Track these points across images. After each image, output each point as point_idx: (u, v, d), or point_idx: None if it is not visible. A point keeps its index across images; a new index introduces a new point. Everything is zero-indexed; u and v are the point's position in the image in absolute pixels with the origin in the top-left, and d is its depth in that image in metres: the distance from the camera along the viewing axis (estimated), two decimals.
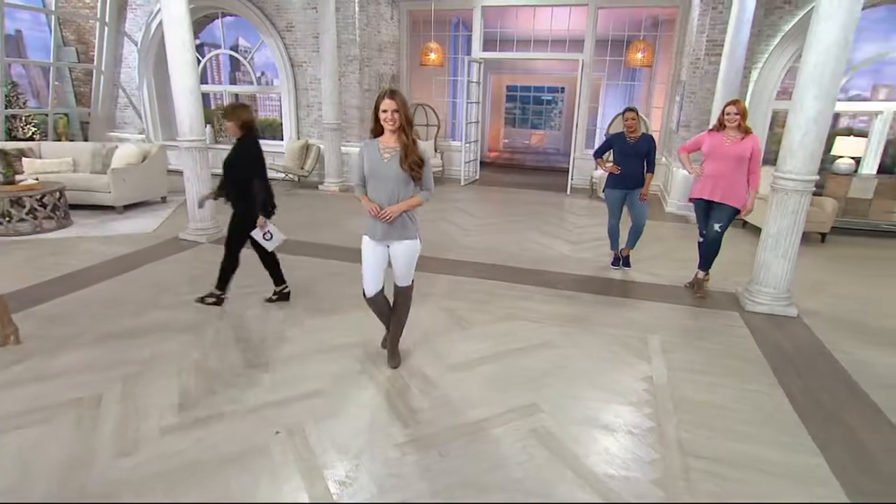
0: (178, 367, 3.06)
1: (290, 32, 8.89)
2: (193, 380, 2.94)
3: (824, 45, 3.45)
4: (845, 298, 4.47)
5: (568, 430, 2.59)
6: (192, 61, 5.25)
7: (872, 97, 8.02)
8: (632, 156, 4.66)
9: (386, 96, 2.69)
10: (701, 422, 2.67)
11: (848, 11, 3.37)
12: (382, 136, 2.79)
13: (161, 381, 2.91)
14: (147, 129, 10.25)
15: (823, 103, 3.57)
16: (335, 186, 8.54)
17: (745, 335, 3.68)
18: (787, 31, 6.93)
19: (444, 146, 10.08)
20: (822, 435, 2.59)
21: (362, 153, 2.84)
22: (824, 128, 3.64)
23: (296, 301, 4.09)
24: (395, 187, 2.78)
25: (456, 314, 3.91)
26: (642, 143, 4.65)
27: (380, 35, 8.88)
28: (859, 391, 3.02)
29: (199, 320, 3.70)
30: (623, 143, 4.69)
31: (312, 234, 5.98)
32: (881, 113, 7.09)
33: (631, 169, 4.69)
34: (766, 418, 2.72)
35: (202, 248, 5.39)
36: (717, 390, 2.98)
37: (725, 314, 4.07)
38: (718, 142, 4.09)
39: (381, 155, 2.77)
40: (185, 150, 5.38)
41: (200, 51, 10.65)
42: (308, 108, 9.17)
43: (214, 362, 3.14)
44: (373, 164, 2.77)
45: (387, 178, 2.77)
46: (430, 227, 6.49)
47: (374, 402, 2.78)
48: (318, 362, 3.18)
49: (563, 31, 9.57)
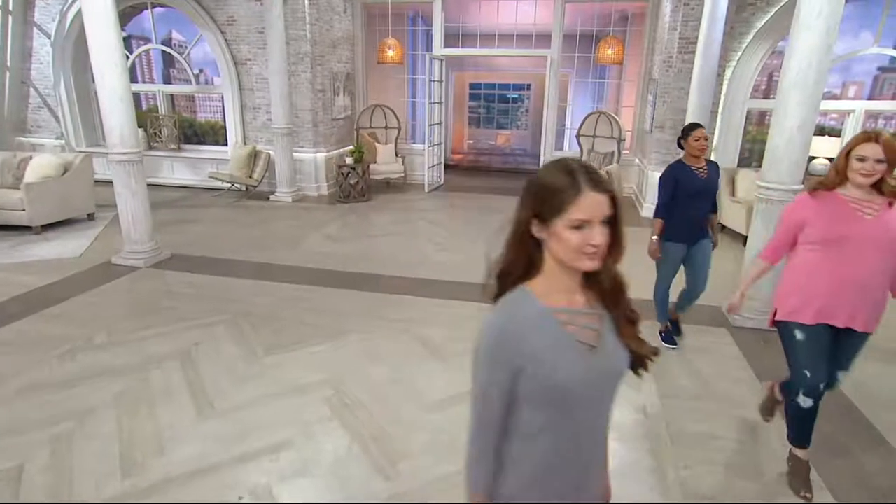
0: (119, 423, 2.87)
1: (232, 27, 8.62)
2: (138, 437, 2.76)
3: (806, 52, 3.59)
4: None
5: None
6: (122, 63, 4.98)
7: (843, 94, 8.48)
8: (701, 195, 3.53)
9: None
10: (700, 457, 2.70)
11: (828, 17, 3.51)
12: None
13: (98, 443, 2.71)
14: (66, 133, 9.71)
15: (807, 110, 3.71)
16: (288, 196, 8.32)
17: (736, 355, 3.77)
18: (760, 27, 7.22)
19: (405, 150, 10.00)
20: (824, 466, 2.66)
21: None
22: (809, 135, 3.79)
23: (252, 334, 3.93)
24: None
25: (432, 343, 3.85)
26: (713, 174, 3.57)
27: (332, 30, 8.73)
28: (855, 411, 3.14)
29: (141, 362, 3.49)
30: (690, 179, 3.49)
31: (266, 254, 5.79)
32: (853, 111, 7.48)
33: (701, 212, 3.58)
34: (765, 449, 2.78)
35: (141, 275, 5.12)
36: (713, 419, 3.03)
37: (713, 331, 4.16)
38: (845, 213, 2.28)
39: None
40: (116, 164, 5.11)
41: (128, 45, 10.21)
42: (255, 111, 8.91)
43: (162, 413, 2.96)
44: None
45: None
46: (398, 242, 6.42)
47: (349, 453, 2.68)
48: (282, 407, 3.05)
49: (528, 26, 9.68)
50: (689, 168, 3.52)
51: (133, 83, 8.92)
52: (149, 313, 4.24)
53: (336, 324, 4.13)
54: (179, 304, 4.43)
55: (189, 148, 9.73)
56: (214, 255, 5.69)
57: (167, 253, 5.59)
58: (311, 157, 8.69)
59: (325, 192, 8.87)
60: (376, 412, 3.03)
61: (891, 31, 7.42)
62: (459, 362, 3.59)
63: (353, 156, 8.30)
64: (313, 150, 8.67)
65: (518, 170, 12.72)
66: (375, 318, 4.28)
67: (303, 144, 8.61)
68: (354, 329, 4.05)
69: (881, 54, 7.27)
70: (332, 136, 9.06)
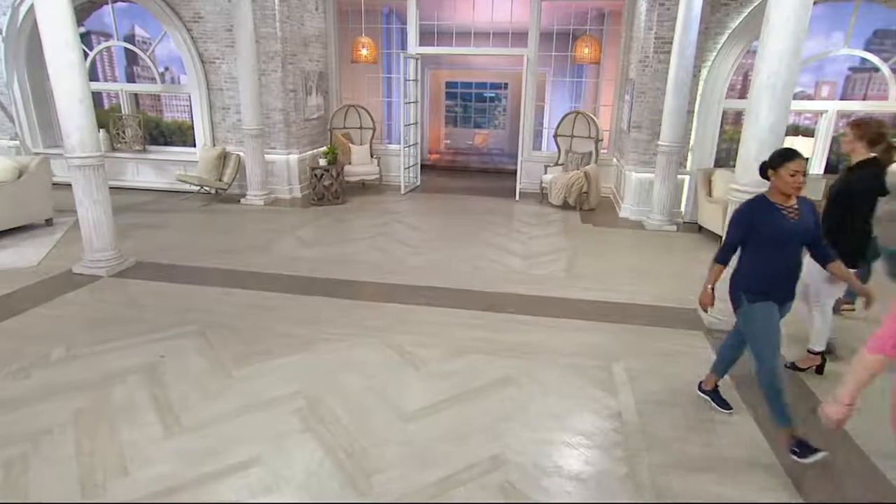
0: (78, 444, 2.81)
1: (199, 24, 8.49)
2: (99, 458, 2.70)
3: (776, 56, 3.70)
4: None
5: (538, 483, 2.60)
6: (79, 62, 4.86)
7: (816, 94, 8.73)
8: (794, 239, 2.83)
9: None
10: (675, 462, 2.76)
11: (798, 21, 3.62)
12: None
13: (55, 467, 2.65)
14: (21, 134, 9.44)
15: (778, 113, 3.82)
16: (260, 200, 8.23)
17: (711, 358, 3.85)
18: (735, 28, 7.38)
19: (380, 150, 9.98)
20: (796, 469, 2.73)
21: None
22: (780, 138, 3.89)
23: (220, 345, 3.88)
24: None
25: (405, 351, 3.85)
26: (806, 213, 2.81)
27: (304, 28, 8.67)
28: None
29: (103, 378, 3.42)
30: (776, 220, 2.78)
31: (236, 260, 5.72)
32: (825, 112, 7.70)
33: (793, 261, 2.87)
34: (739, 454, 2.85)
35: (103, 284, 5.01)
36: (689, 425, 3.09)
37: (689, 334, 4.25)
38: None
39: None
40: (75, 169, 4.99)
41: (87, 41, 9.98)
42: (224, 111, 8.79)
43: (126, 432, 2.91)
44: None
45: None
46: (373, 246, 6.40)
47: (321, 467, 2.67)
48: (252, 421, 3.03)
49: (505, 24, 9.75)
50: (773, 207, 2.81)
51: (93, 81, 8.74)
52: (111, 325, 4.16)
53: (309, 332, 4.11)
54: (144, 315, 4.35)
55: (155, 149, 9.55)
56: (181, 263, 5.60)
57: (131, 261, 5.48)
58: (284, 159, 8.61)
59: (298, 195, 8.80)
60: (350, 424, 3.02)
61: (861, 32, 7.68)
62: (435, 370, 3.60)
63: (327, 157, 8.25)
64: (285, 152, 8.59)
65: (496, 170, 12.77)
66: (349, 325, 4.27)
67: (274, 145, 8.53)
68: (328, 338, 4.03)
69: (852, 55, 7.51)
70: (305, 137, 8.99)
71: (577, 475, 2.67)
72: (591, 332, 4.24)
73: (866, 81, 8.48)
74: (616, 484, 2.60)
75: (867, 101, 7.89)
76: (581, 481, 2.63)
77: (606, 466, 2.73)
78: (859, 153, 3.49)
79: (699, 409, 3.25)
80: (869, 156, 3.45)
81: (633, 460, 2.77)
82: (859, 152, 3.49)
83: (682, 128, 7.10)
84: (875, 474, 2.73)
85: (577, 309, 4.68)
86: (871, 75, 8.03)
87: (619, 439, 2.94)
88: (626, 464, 2.74)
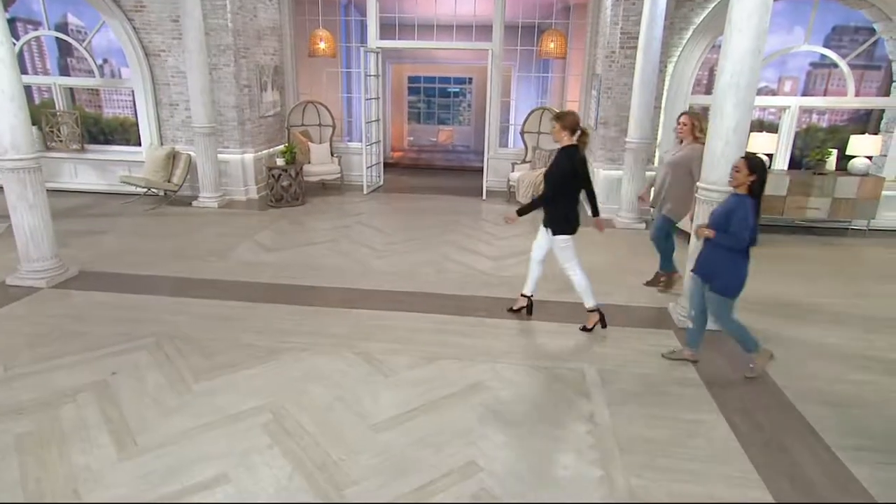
0: (23, 469, 2.74)
1: (141, 13, 8.28)
2: (47, 484, 2.65)
3: (739, 55, 3.90)
4: (777, 305, 5.05)
5: (512, 490, 2.68)
6: (9, 56, 4.67)
7: (779, 89, 9.15)
8: None
9: None
10: (648, 463, 2.90)
11: (759, 21, 3.83)
12: None
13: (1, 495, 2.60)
14: None
15: (741, 112, 4.03)
16: (213, 202, 8.10)
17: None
18: (699, 23, 7.69)
19: (340, 149, 9.95)
20: (765, 466, 2.91)
21: None
22: (744, 137, 4.10)
23: (178, 359, 3.83)
24: None
25: (374, 358, 3.90)
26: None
27: (257, 20, 8.57)
28: (794, 411, 3.44)
29: (49, 398, 3.34)
30: None
31: (191, 266, 5.64)
32: (789, 107, 8.09)
33: None
34: (711, 452, 3.01)
35: (43, 296, 4.86)
36: (661, 424, 3.24)
37: (659, 333, 4.43)
38: None
39: None
40: (8, 172, 4.83)
41: (13, 29, 9.60)
42: (172, 108, 8.61)
43: (76, 454, 2.86)
44: None
45: None
46: (335, 249, 6.40)
47: (291, 483, 2.69)
48: (217, 437, 3.02)
49: (468, 17, 9.86)
50: None
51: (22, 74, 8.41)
52: (55, 341, 4.05)
53: (272, 342, 4.10)
54: (91, 329, 4.25)
55: (94, 148, 9.26)
56: (130, 271, 5.48)
57: (73, 270, 5.33)
58: (238, 159, 8.49)
59: (255, 196, 8.70)
60: (319, 436, 3.04)
61: (821, 28, 8.11)
62: (405, 377, 3.66)
63: (285, 156, 8.19)
64: (240, 151, 8.48)
65: (462, 168, 12.88)
66: (314, 334, 4.28)
67: (228, 144, 8.41)
68: (292, 347, 4.04)
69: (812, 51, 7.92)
70: (261, 135, 8.89)
71: (554, 481, 2.77)
72: (562, 335, 4.38)
73: (826, 77, 8.93)
74: (591, 486, 2.72)
75: (827, 97, 8.32)
76: (559, 486, 2.72)
77: (581, 469, 2.84)
78: (564, 140, 4.20)
79: (671, 408, 3.40)
80: (572, 142, 4.17)
81: (607, 462, 2.89)
82: (564, 139, 4.20)
83: (649, 124, 7.35)
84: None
85: (546, 311, 4.81)
86: (831, 71, 8.47)
87: (593, 441, 3.06)
88: (600, 466, 2.86)
